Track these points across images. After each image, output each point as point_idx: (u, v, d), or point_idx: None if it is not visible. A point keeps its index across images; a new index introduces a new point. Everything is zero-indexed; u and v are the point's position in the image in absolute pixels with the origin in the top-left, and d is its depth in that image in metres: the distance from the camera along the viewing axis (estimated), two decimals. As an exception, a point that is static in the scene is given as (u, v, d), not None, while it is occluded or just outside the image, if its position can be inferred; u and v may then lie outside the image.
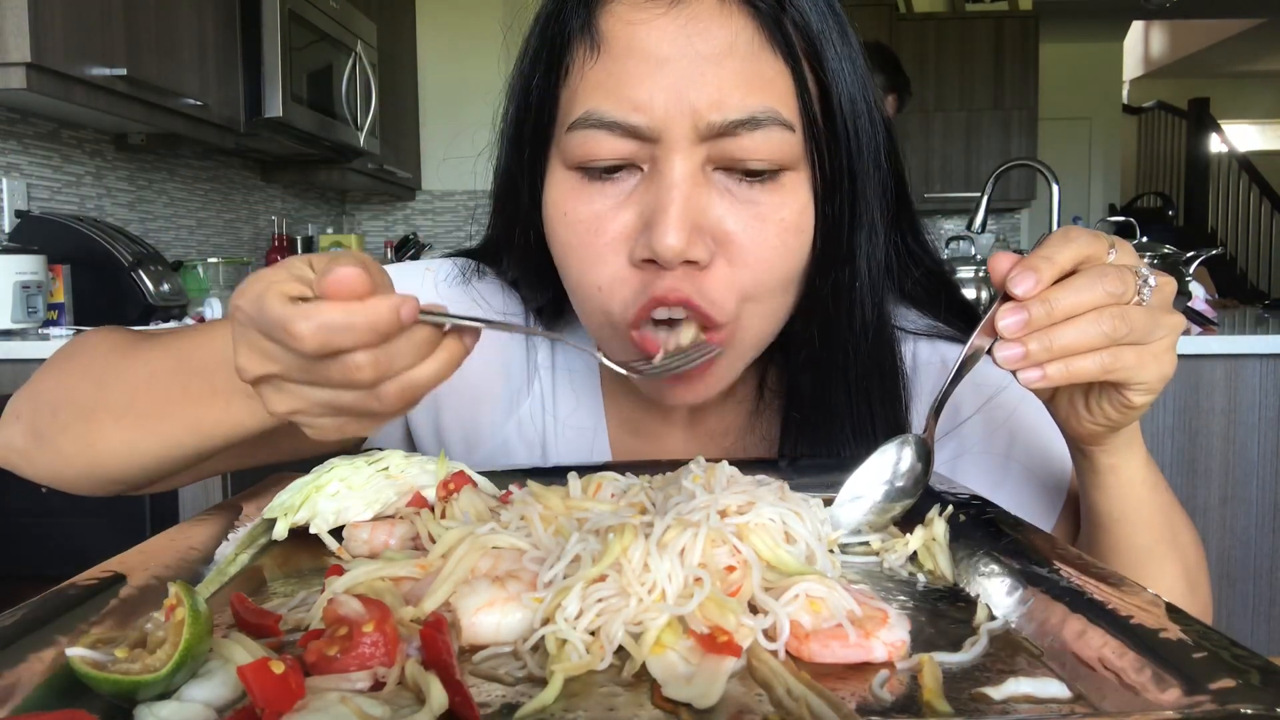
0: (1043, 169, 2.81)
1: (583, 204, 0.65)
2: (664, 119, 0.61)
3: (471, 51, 4.64)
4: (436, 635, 0.40)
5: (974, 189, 4.04)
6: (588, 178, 0.65)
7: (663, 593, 0.45)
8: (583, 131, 0.63)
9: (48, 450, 0.67)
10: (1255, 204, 7.90)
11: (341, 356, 0.43)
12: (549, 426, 0.81)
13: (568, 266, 0.68)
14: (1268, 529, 2.24)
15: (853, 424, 0.73)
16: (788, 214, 0.64)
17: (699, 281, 0.63)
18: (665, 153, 0.62)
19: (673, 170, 0.62)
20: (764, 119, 0.62)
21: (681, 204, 0.61)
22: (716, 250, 0.63)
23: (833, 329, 0.71)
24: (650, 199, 0.62)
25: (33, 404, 0.68)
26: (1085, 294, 0.53)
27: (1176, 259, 2.23)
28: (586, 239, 0.65)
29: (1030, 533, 0.54)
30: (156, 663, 0.39)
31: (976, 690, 0.40)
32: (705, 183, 0.63)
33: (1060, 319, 0.53)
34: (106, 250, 2.38)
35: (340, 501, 0.62)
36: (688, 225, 0.61)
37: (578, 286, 0.68)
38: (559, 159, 0.67)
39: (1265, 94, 9.18)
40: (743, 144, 0.62)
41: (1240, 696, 0.34)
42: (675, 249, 0.60)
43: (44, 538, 1.81)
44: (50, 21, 2.06)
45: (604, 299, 0.66)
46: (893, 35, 5.19)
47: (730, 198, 0.63)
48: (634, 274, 0.64)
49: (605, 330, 0.68)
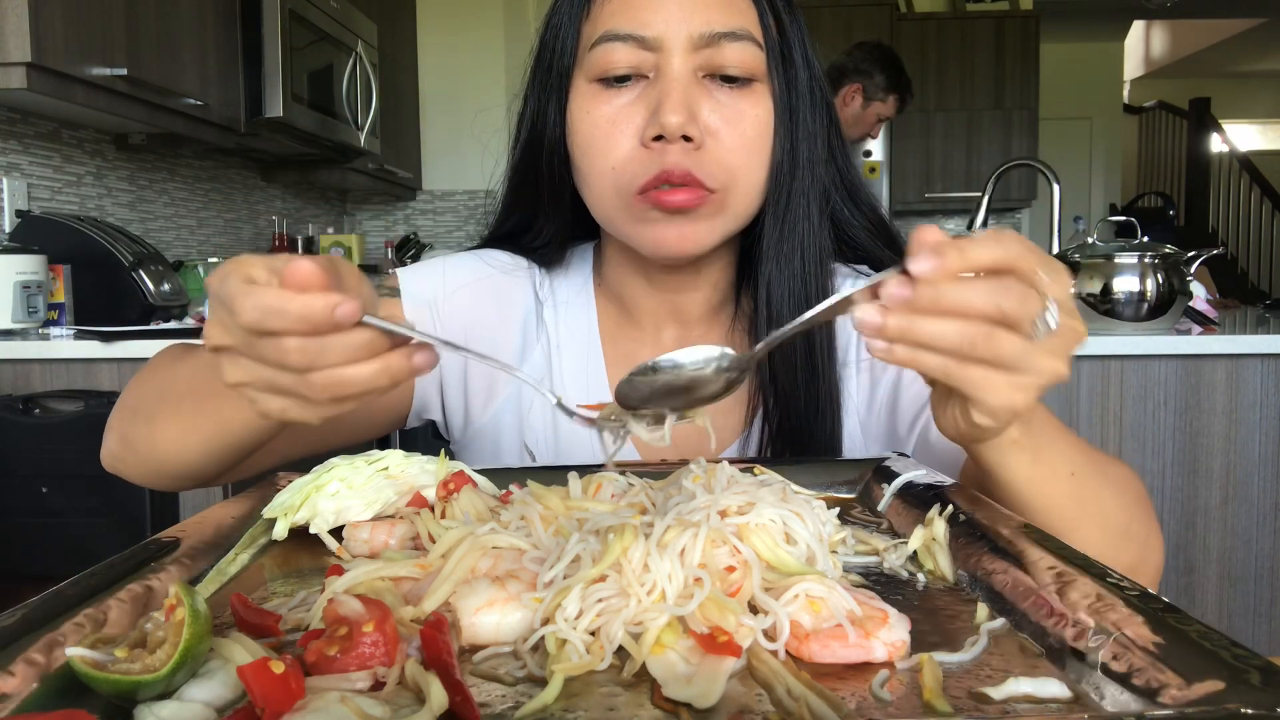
0: (1043, 169, 2.81)
1: (603, 104, 0.82)
2: (666, 31, 0.80)
3: (471, 51, 4.64)
4: (437, 635, 0.40)
5: (974, 189, 4.05)
6: (605, 86, 0.82)
7: (663, 593, 0.45)
8: (603, 46, 0.81)
9: (130, 452, 0.78)
10: (1256, 204, 7.90)
11: (275, 338, 0.48)
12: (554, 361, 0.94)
13: (588, 156, 0.83)
14: (1268, 529, 2.24)
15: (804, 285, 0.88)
16: (759, 112, 0.83)
17: (696, 158, 0.79)
18: (666, 58, 0.80)
19: (673, 70, 0.80)
20: (741, 34, 0.81)
21: (680, 92, 0.79)
22: (707, 138, 0.80)
23: (791, 211, 0.87)
24: (656, 93, 0.80)
25: (119, 414, 0.81)
26: (975, 300, 0.49)
27: (1177, 259, 2.22)
28: (606, 129, 0.82)
29: (1030, 532, 0.54)
30: (156, 663, 0.39)
31: (976, 690, 0.40)
32: (697, 84, 0.81)
33: (938, 312, 0.49)
34: (107, 250, 2.38)
35: (340, 501, 0.62)
36: (686, 108, 0.78)
37: (594, 172, 0.83)
38: (582, 77, 0.84)
39: (1266, 94, 9.18)
40: (724, 53, 0.80)
41: (1240, 696, 0.34)
42: (677, 123, 0.78)
43: (44, 538, 1.81)
44: (50, 21, 2.06)
45: (616, 176, 0.82)
46: (893, 35, 5.19)
47: (715, 99, 0.81)
48: (643, 153, 0.80)
49: (614, 205, 0.83)
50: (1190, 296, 2.27)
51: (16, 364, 2.03)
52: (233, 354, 0.52)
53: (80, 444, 1.79)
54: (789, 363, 0.87)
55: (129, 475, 0.81)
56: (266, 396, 0.52)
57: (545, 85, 0.88)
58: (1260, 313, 3.17)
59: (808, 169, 0.87)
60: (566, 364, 0.94)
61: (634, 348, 0.94)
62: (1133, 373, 2.23)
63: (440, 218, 4.91)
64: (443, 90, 4.69)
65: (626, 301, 0.94)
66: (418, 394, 0.94)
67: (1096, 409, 2.24)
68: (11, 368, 2.03)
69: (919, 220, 5.99)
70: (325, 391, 0.49)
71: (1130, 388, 2.23)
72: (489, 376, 0.93)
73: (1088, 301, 2.23)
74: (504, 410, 0.93)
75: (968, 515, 0.58)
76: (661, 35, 0.80)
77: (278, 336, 0.48)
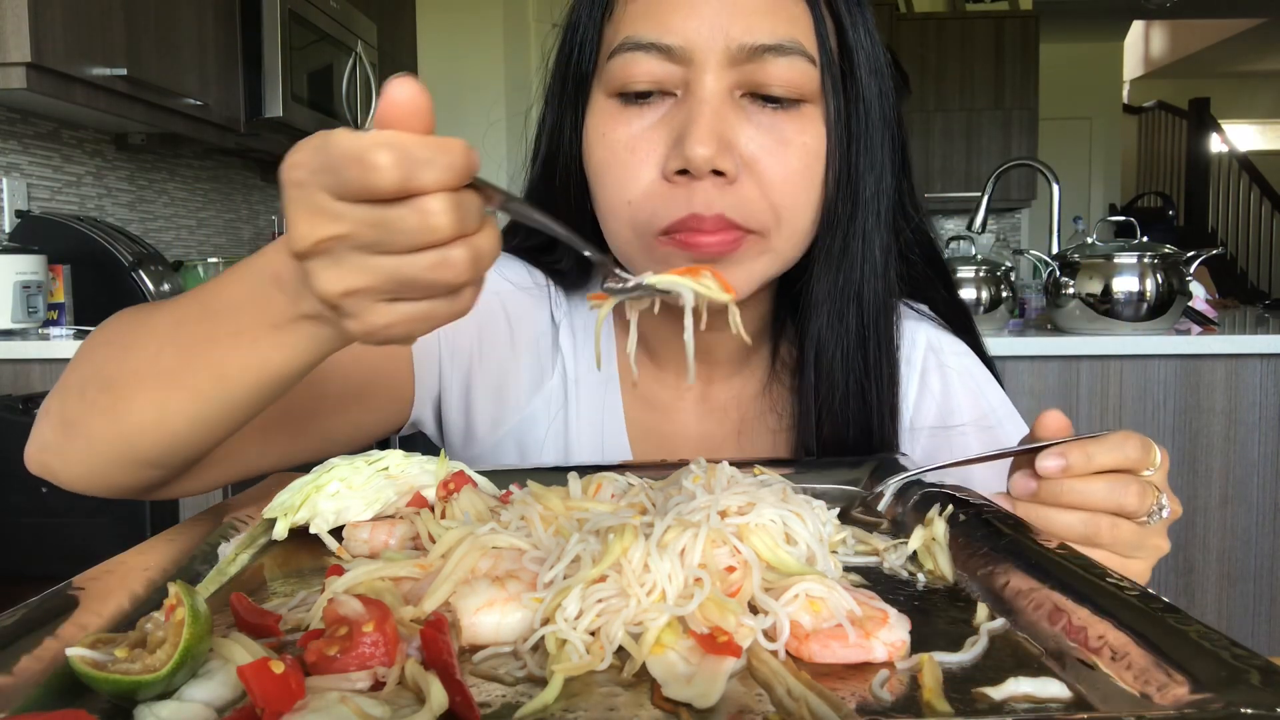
0: (1043, 169, 2.81)
1: (620, 125, 0.70)
2: (697, 41, 0.67)
3: (471, 51, 4.64)
4: (437, 635, 0.40)
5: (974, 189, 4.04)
6: (624, 103, 0.70)
7: (663, 593, 0.45)
8: (622, 55, 0.69)
9: (78, 439, 0.60)
10: (1256, 204, 7.90)
11: (419, 201, 0.39)
12: (570, 397, 0.83)
13: (603, 185, 0.72)
14: (1268, 529, 2.24)
15: (864, 359, 0.76)
16: (809, 140, 0.69)
17: (731, 195, 0.67)
18: (697, 74, 0.67)
19: (704, 88, 0.67)
20: (789, 47, 0.67)
21: (711, 117, 0.66)
22: (743, 170, 0.68)
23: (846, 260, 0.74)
24: (682, 117, 0.68)
25: (60, 394, 0.62)
26: (1098, 497, 0.57)
27: (1177, 259, 2.22)
28: (622, 156, 0.70)
29: (1030, 532, 0.54)
30: (156, 663, 0.39)
31: (976, 690, 0.40)
32: (734, 106, 0.68)
33: (1065, 505, 0.57)
34: (107, 250, 2.38)
35: (340, 501, 0.62)
36: (716, 137, 0.66)
37: (609, 205, 0.72)
38: (600, 89, 0.72)
39: (1266, 94, 9.18)
40: (768, 70, 0.67)
41: (1240, 696, 0.34)
42: (704, 155, 0.65)
43: (44, 538, 1.81)
44: (50, 21, 2.06)
45: (633, 212, 0.70)
46: (893, 35, 5.19)
47: (755, 123, 0.68)
48: (665, 187, 0.68)
49: (631, 245, 0.72)
50: (1190, 296, 2.27)
51: (16, 364, 2.03)
52: (338, 252, 0.41)
53: (80, 444, 1.79)
54: (841, 437, 0.77)
55: (63, 472, 0.63)
56: (377, 307, 0.42)
57: (563, 95, 0.76)
58: (1259, 313, 3.17)
59: (871, 205, 0.73)
60: (584, 399, 0.83)
61: (656, 390, 0.84)
62: (1132, 373, 2.23)
63: (440, 218, 4.90)
64: (443, 90, 4.69)
65: (649, 341, 0.83)
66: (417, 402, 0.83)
67: (1096, 409, 2.24)
68: (11, 368, 2.03)
69: (919, 220, 5.99)
70: (469, 268, 0.40)
71: (1129, 388, 2.23)
72: (497, 395, 0.83)
73: (1087, 302, 2.23)
74: (508, 438, 0.84)
75: (968, 515, 0.58)
76: (692, 45, 0.67)
77: (420, 198, 0.38)
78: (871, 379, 0.76)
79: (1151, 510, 0.58)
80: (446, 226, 0.39)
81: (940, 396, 0.82)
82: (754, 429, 0.82)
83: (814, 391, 0.77)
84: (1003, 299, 2.34)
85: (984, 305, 2.32)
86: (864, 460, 0.74)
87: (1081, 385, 2.24)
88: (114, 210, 2.94)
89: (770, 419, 0.82)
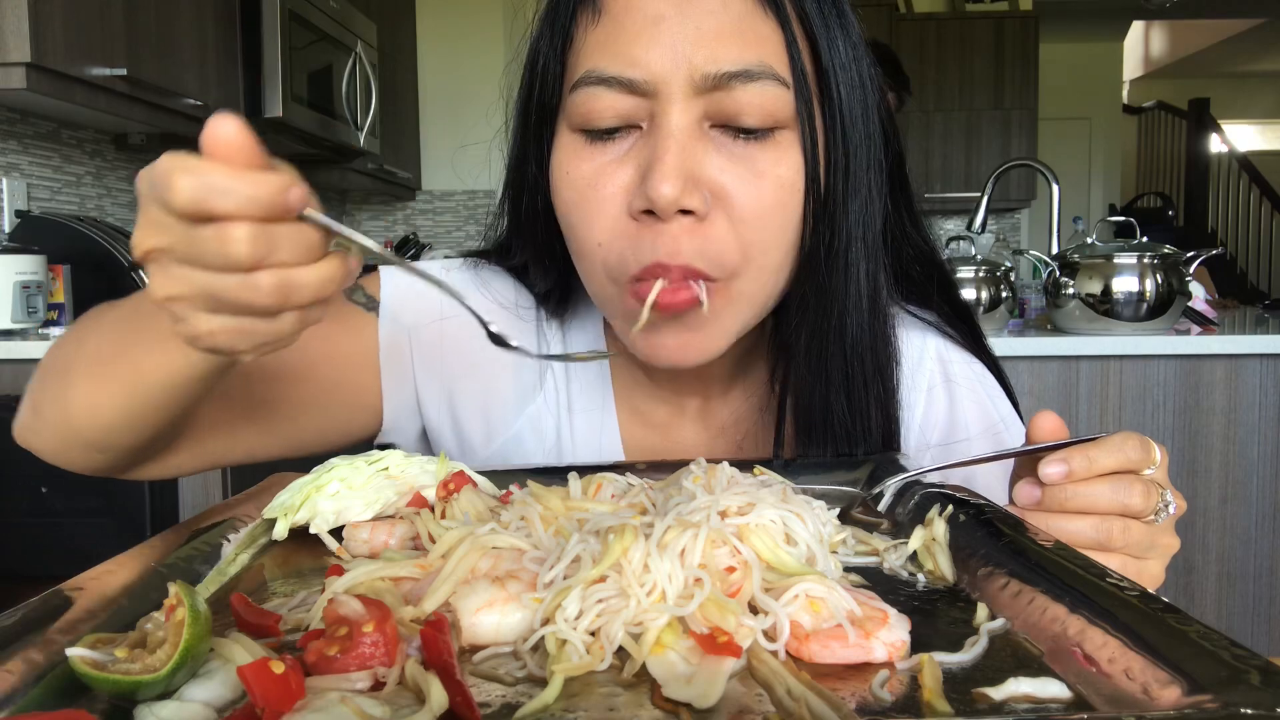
0: (1043, 169, 2.81)
1: (585, 162, 0.67)
2: (660, 72, 0.63)
3: (471, 51, 4.64)
4: (437, 635, 0.40)
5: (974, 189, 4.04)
6: (589, 139, 0.67)
7: (663, 593, 0.45)
8: (584, 90, 0.66)
9: (41, 419, 0.68)
10: (1255, 204, 7.90)
11: (222, 226, 0.42)
12: (562, 420, 0.82)
13: (571, 225, 0.69)
14: (1268, 529, 2.24)
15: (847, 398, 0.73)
16: (784, 171, 0.66)
17: (699, 238, 0.64)
18: (662, 106, 0.64)
19: (669, 121, 0.63)
20: (758, 72, 0.63)
21: (677, 153, 0.63)
22: (714, 205, 0.64)
23: (827, 297, 0.70)
24: (647, 152, 0.64)
25: (34, 378, 0.70)
26: (1103, 500, 0.57)
27: (1176, 259, 2.22)
28: (586, 194, 0.67)
29: (1030, 533, 0.54)
30: (156, 663, 0.39)
31: (976, 690, 0.40)
32: (702, 137, 0.65)
33: (1071, 510, 0.57)
34: (107, 250, 2.38)
35: (340, 501, 0.62)
36: (683, 174, 0.62)
37: (580, 245, 0.69)
38: (565, 124, 0.69)
39: (1265, 94, 9.18)
40: (737, 98, 0.63)
41: (1240, 696, 0.34)
42: (669, 196, 0.62)
43: (44, 538, 1.81)
44: (50, 21, 2.06)
45: (604, 254, 0.67)
46: (893, 35, 5.19)
47: (726, 154, 0.65)
48: (632, 227, 0.65)
49: (608, 289, 0.69)
50: (1189, 297, 2.27)
51: (16, 364, 2.03)
52: (164, 261, 0.44)
53: (80, 444, 1.79)
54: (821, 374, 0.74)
55: (38, 448, 0.69)
56: (198, 316, 0.45)
57: (526, 129, 0.73)
58: (1259, 313, 3.18)
59: (856, 234, 0.69)
60: (579, 425, 0.82)
61: (652, 408, 0.82)
62: (1132, 373, 2.23)
63: (440, 218, 4.91)
64: (443, 90, 4.69)
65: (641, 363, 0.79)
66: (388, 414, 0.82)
67: (1096, 409, 2.24)
68: (11, 368, 2.03)
69: (919, 220, 5.99)
70: (274, 294, 0.43)
71: (1129, 388, 2.24)
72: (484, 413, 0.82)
73: (1087, 302, 2.24)
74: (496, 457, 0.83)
75: (968, 515, 0.58)
76: (655, 78, 0.63)
77: (223, 224, 0.41)
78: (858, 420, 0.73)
79: (1158, 508, 0.58)
80: (244, 254, 0.42)
81: (947, 410, 0.81)
82: (757, 448, 0.81)
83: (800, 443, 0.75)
84: (1002, 299, 2.34)
85: (984, 305, 2.32)
86: (864, 460, 0.74)
87: (1081, 385, 2.24)
88: (114, 210, 2.94)
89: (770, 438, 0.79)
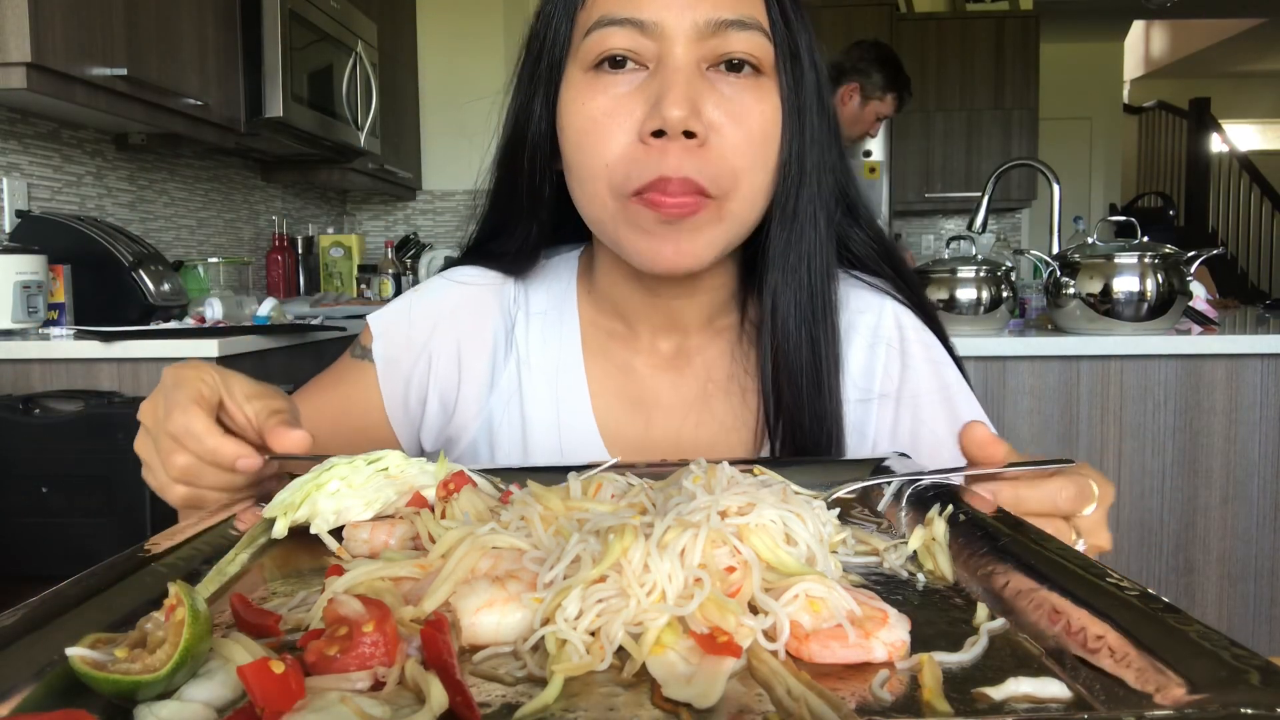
0: (1043, 169, 2.81)
1: (598, 93, 0.77)
2: (667, 18, 0.75)
3: (471, 51, 4.64)
4: (437, 635, 0.40)
5: (974, 189, 4.05)
6: (600, 72, 0.77)
7: (663, 593, 0.45)
8: (598, 31, 0.76)
9: None
10: (1256, 204, 7.91)
11: (172, 452, 0.66)
12: (525, 378, 0.90)
13: (580, 151, 0.78)
14: (1268, 529, 2.24)
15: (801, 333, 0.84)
16: (766, 109, 0.78)
17: (699, 159, 0.75)
18: (669, 47, 0.75)
19: (676, 59, 0.75)
20: (749, 22, 0.77)
21: (684, 84, 0.74)
22: (710, 135, 0.75)
23: (796, 223, 0.83)
24: (657, 84, 0.75)
25: None
26: None
27: (1177, 259, 2.22)
28: (601, 121, 0.76)
29: (1030, 532, 0.54)
30: (156, 663, 0.39)
31: (976, 690, 0.40)
32: (702, 77, 0.76)
33: None
34: (107, 250, 2.38)
35: (340, 501, 0.62)
36: (689, 101, 0.74)
37: (588, 170, 0.78)
38: (576, 66, 0.79)
39: (1266, 94, 9.18)
40: (730, 41, 0.76)
41: (1240, 696, 0.34)
42: (679, 116, 0.73)
43: (44, 538, 1.81)
44: (50, 21, 2.06)
45: (610, 173, 0.77)
46: (893, 35, 5.19)
47: (719, 93, 0.76)
48: (639, 150, 0.75)
49: (610, 206, 0.78)
50: (1190, 296, 2.27)
51: (16, 364, 2.03)
52: (145, 434, 0.69)
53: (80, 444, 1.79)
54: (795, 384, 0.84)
55: None
56: (148, 471, 0.69)
57: (533, 78, 0.83)
58: (1260, 313, 3.17)
59: (815, 175, 0.82)
60: (537, 379, 0.90)
61: (627, 357, 0.90)
62: (1132, 373, 2.23)
63: (440, 218, 4.91)
64: (443, 90, 4.69)
65: (620, 308, 0.89)
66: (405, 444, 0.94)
67: (1096, 409, 2.24)
68: (11, 368, 2.03)
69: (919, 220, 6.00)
70: (175, 497, 0.67)
71: (1130, 388, 2.24)
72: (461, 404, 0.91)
73: (1088, 302, 2.24)
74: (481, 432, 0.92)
75: (968, 515, 0.58)
76: (662, 21, 0.75)
77: (174, 452, 0.65)
78: (820, 328, 0.85)
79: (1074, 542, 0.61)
80: (176, 472, 0.67)
81: (900, 368, 0.90)
82: (724, 388, 0.89)
83: (770, 338, 0.85)
84: (1003, 299, 2.34)
85: (984, 305, 2.32)
86: (864, 460, 0.74)
87: (1082, 385, 2.24)
88: (114, 210, 2.94)
89: (739, 377, 0.89)
